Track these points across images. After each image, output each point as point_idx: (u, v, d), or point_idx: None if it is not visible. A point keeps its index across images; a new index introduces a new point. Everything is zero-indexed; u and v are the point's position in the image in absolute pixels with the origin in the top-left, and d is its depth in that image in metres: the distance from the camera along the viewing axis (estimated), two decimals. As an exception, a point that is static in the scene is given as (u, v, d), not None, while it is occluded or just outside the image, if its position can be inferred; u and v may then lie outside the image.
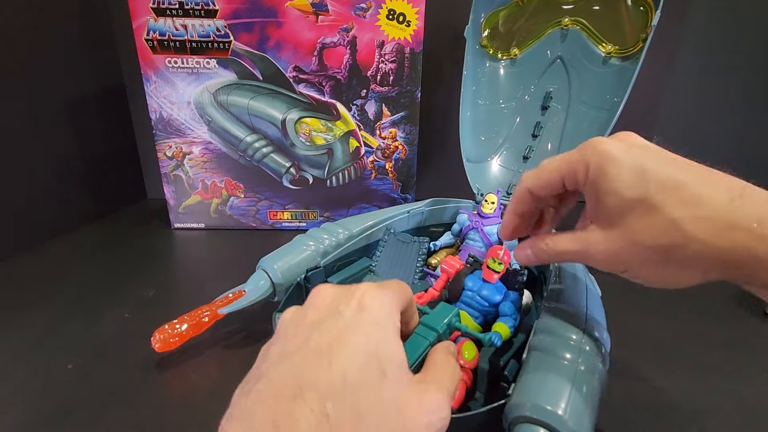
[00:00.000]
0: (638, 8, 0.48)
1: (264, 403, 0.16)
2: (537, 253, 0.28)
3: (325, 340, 0.18)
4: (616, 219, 0.23)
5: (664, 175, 0.22)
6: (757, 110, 0.80)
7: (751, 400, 0.34)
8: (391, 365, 0.18)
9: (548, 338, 0.27)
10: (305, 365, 0.17)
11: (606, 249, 0.24)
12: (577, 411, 0.22)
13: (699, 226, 0.21)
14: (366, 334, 0.18)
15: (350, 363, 0.17)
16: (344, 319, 0.19)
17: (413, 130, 0.64)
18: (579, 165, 0.25)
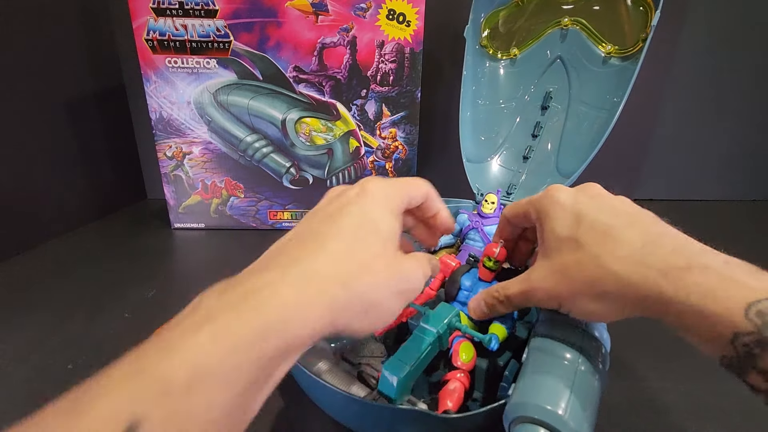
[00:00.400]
0: (638, 8, 0.48)
1: (287, 242, 0.23)
2: (488, 300, 0.31)
3: (334, 207, 0.24)
4: (552, 254, 0.27)
5: (596, 220, 0.26)
6: (756, 110, 0.80)
7: (751, 400, 0.34)
8: (381, 230, 0.23)
9: (548, 338, 0.27)
10: (318, 223, 0.23)
11: (545, 286, 0.27)
12: (577, 411, 0.22)
13: (616, 262, 0.23)
14: (362, 206, 0.23)
15: (349, 222, 0.22)
16: (347, 197, 0.24)
17: (413, 130, 0.64)
18: (531, 207, 0.29)
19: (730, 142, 0.82)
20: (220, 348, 0.15)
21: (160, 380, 0.14)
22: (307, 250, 0.21)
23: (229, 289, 0.18)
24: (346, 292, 0.20)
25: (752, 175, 0.85)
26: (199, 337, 0.16)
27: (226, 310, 0.17)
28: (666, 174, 0.85)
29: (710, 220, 0.76)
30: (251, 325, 0.16)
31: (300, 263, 0.20)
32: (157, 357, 0.15)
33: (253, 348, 0.16)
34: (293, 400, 0.35)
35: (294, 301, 0.18)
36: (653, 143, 0.82)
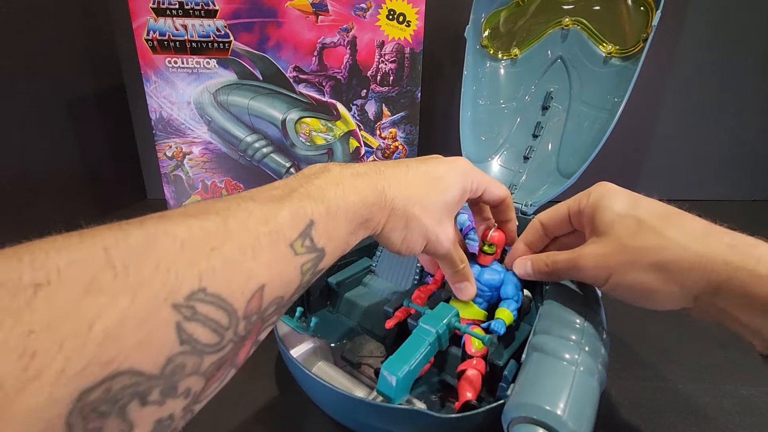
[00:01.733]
0: (639, 8, 0.48)
1: (392, 161, 0.28)
2: (536, 262, 0.32)
3: (428, 158, 0.30)
4: (606, 229, 0.27)
5: (654, 205, 0.27)
6: (756, 110, 0.80)
7: (751, 400, 0.34)
8: (445, 193, 0.27)
9: (548, 338, 0.27)
10: (419, 166, 0.28)
11: (595, 253, 0.27)
12: (576, 411, 0.22)
13: (679, 233, 0.24)
14: (445, 168, 0.28)
15: (427, 171, 0.28)
16: (441, 157, 0.30)
17: (413, 130, 0.64)
18: (583, 196, 0.30)
19: (731, 142, 0.82)
20: (349, 199, 0.22)
21: (326, 204, 0.21)
22: (397, 170, 0.26)
23: (347, 167, 0.24)
24: (403, 207, 0.25)
25: (752, 175, 0.85)
26: (338, 189, 0.22)
27: (348, 178, 0.23)
28: (666, 174, 0.85)
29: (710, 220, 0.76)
30: (359, 196, 0.23)
31: (388, 175, 0.25)
32: (320, 191, 0.21)
33: (358, 208, 0.23)
34: (293, 399, 0.35)
35: (374, 198, 0.24)
36: (653, 143, 0.82)
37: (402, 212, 0.25)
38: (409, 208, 0.25)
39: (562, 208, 0.31)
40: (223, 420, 0.33)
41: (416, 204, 0.26)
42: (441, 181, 0.27)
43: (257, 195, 0.20)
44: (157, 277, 0.14)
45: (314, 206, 0.20)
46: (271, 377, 0.37)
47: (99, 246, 0.15)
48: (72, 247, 0.15)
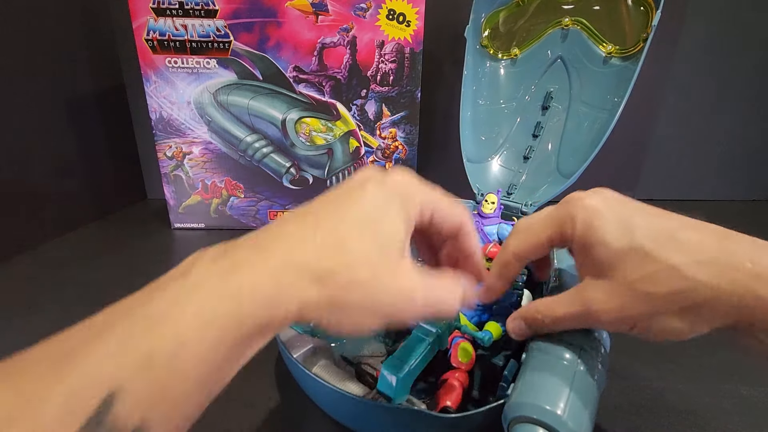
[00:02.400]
0: (639, 8, 0.48)
1: (282, 218, 0.22)
2: (532, 324, 0.27)
3: (347, 189, 0.22)
4: (609, 270, 0.23)
5: (650, 224, 0.23)
6: (756, 110, 0.80)
7: (751, 400, 0.34)
8: (381, 232, 0.21)
9: (547, 338, 0.27)
10: (327, 203, 0.23)
11: (610, 305, 0.23)
12: (576, 411, 0.22)
13: (701, 269, 0.21)
14: (372, 197, 0.21)
15: (351, 211, 0.21)
16: (366, 180, 0.22)
17: (413, 130, 0.64)
18: (566, 221, 0.25)
19: (730, 142, 0.82)
20: (204, 324, 0.16)
21: (145, 353, 0.15)
22: (299, 233, 0.20)
23: (220, 258, 0.19)
24: (320, 290, 0.19)
25: (752, 175, 0.85)
26: (186, 311, 0.16)
27: (213, 282, 0.17)
28: (666, 174, 0.85)
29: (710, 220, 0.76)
30: (231, 306, 0.17)
31: (287, 247, 0.20)
32: (145, 326, 0.16)
33: (231, 328, 0.17)
34: (293, 399, 0.35)
35: (268, 290, 0.18)
36: (653, 143, 0.82)
37: (321, 299, 0.19)
38: (330, 288, 0.19)
39: (541, 237, 0.26)
40: (223, 420, 0.33)
41: (355, 279, 0.19)
42: (379, 224, 0.21)
43: (46, 352, 0.16)
44: None
45: (122, 361, 0.15)
46: (271, 377, 0.37)
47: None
48: None
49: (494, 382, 0.30)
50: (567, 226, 0.25)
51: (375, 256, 0.20)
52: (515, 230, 0.28)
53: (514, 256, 0.27)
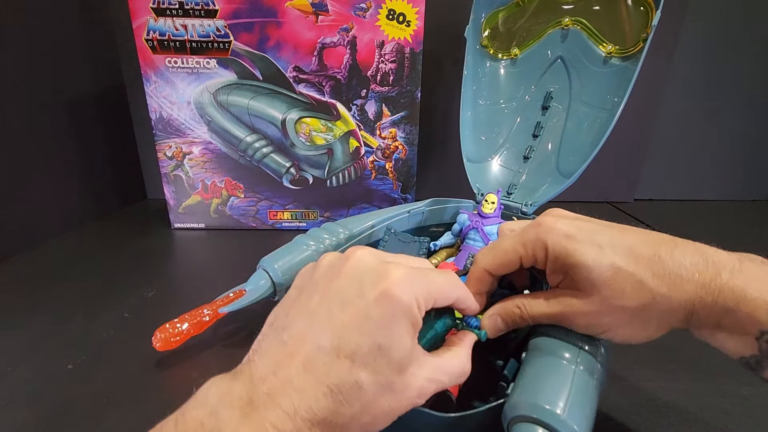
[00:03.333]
0: (638, 8, 0.48)
1: (284, 353, 0.21)
2: (507, 319, 0.29)
3: (340, 320, 0.21)
4: (590, 288, 0.25)
5: (614, 240, 0.25)
6: (756, 110, 0.80)
7: (752, 400, 0.34)
8: (392, 359, 0.21)
9: (547, 338, 0.27)
10: (320, 335, 0.21)
11: (587, 314, 0.25)
12: (575, 410, 0.22)
13: (661, 283, 0.24)
14: (379, 325, 0.21)
15: (358, 348, 0.20)
16: (364, 301, 0.21)
17: (413, 130, 0.64)
18: (537, 245, 0.27)
19: (730, 142, 0.82)
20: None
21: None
22: (290, 373, 0.20)
23: (213, 418, 0.19)
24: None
25: (752, 175, 0.85)
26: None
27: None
28: (666, 174, 0.85)
29: (710, 220, 0.76)
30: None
31: (294, 398, 0.19)
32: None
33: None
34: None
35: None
36: (653, 143, 0.82)
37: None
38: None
39: (511, 255, 0.28)
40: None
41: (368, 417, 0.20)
42: (388, 350, 0.21)
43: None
44: None
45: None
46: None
47: None
48: None
49: (494, 381, 0.30)
50: (540, 250, 0.27)
51: (386, 387, 0.21)
52: (487, 247, 0.30)
53: (486, 272, 0.29)
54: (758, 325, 0.22)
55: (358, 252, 0.23)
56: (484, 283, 0.29)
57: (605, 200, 0.85)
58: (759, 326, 0.22)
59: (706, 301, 0.23)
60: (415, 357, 0.22)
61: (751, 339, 0.22)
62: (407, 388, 0.22)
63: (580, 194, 0.79)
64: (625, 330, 0.25)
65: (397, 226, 0.50)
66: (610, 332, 0.26)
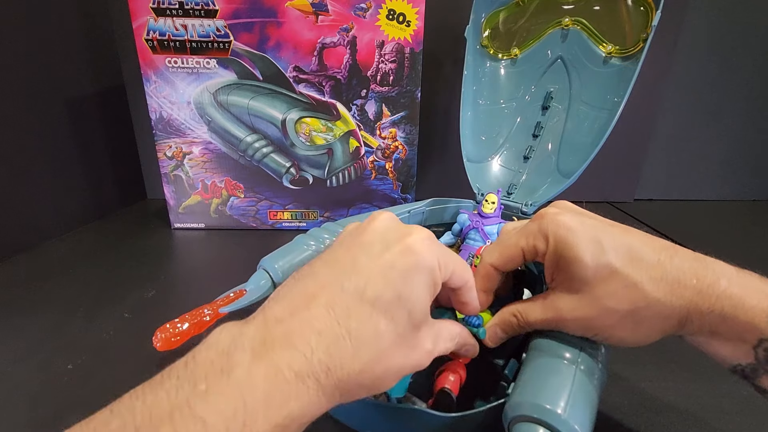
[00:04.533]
0: (638, 8, 0.48)
1: (304, 295, 0.21)
2: (506, 328, 0.29)
3: (366, 268, 0.21)
4: (582, 286, 0.25)
5: (615, 240, 0.25)
6: (756, 110, 0.80)
7: (752, 400, 0.34)
8: (414, 312, 0.21)
9: (548, 338, 0.27)
10: (345, 280, 0.21)
11: (579, 316, 0.25)
12: (576, 410, 0.22)
13: (657, 287, 0.23)
14: (402, 275, 0.21)
15: (381, 294, 0.20)
16: (390, 252, 0.22)
17: (413, 130, 0.64)
18: (539, 236, 0.27)
19: (730, 142, 0.82)
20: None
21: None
22: (310, 314, 0.20)
23: (224, 357, 0.18)
24: (340, 383, 0.19)
25: (752, 175, 0.85)
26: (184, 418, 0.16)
27: (214, 385, 0.17)
28: (666, 174, 0.85)
29: (710, 220, 0.76)
30: (227, 410, 0.17)
31: (316, 341, 0.19)
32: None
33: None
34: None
35: (263, 393, 0.17)
36: (653, 143, 0.82)
37: (333, 389, 0.19)
38: (348, 377, 0.19)
39: (514, 249, 0.28)
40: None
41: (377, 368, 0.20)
42: (408, 301, 0.21)
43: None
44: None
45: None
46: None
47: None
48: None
49: (495, 380, 0.30)
50: (540, 241, 0.27)
51: (403, 336, 0.21)
52: (492, 244, 0.30)
53: (492, 268, 0.29)
54: (757, 333, 0.22)
55: (382, 215, 0.24)
56: (491, 280, 0.29)
57: (605, 200, 0.85)
58: (758, 334, 0.22)
59: (701, 308, 0.23)
60: (428, 317, 0.23)
61: (748, 347, 0.22)
62: (419, 346, 0.22)
63: (580, 194, 0.79)
64: (616, 332, 0.25)
65: (397, 226, 0.50)
66: (601, 334, 0.26)
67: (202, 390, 0.17)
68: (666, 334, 0.25)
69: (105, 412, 0.17)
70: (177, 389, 0.17)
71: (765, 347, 0.22)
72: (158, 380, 0.18)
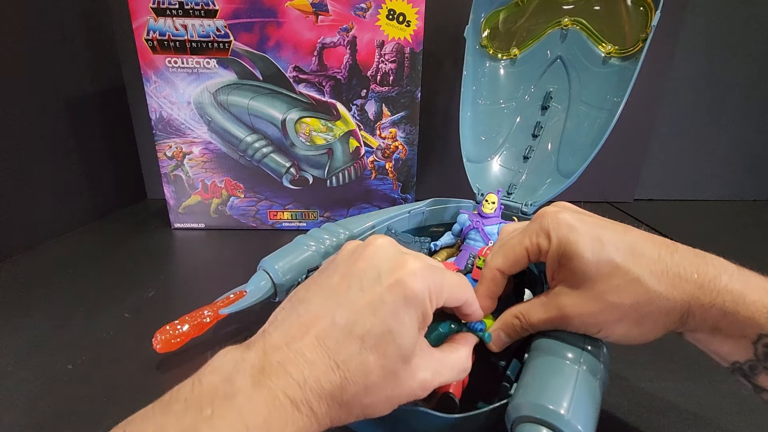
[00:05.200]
0: (638, 8, 0.48)
1: (299, 325, 0.21)
2: (510, 332, 0.29)
3: (358, 302, 0.21)
4: (584, 282, 0.25)
5: (615, 237, 0.25)
6: (756, 110, 0.80)
7: (751, 400, 0.34)
8: (401, 346, 0.21)
9: (550, 337, 0.27)
10: (336, 313, 0.21)
11: (582, 312, 0.26)
12: (579, 411, 0.22)
13: (659, 281, 0.24)
14: (391, 311, 0.21)
15: (371, 329, 0.21)
16: (381, 286, 0.22)
17: (413, 130, 0.64)
18: (541, 235, 0.27)
19: (731, 142, 0.82)
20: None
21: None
22: (303, 345, 0.20)
23: (227, 383, 0.19)
24: (330, 409, 0.20)
25: (752, 175, 0.85)
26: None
27: (219, 410, 0.18)
28: (666, 174, 0.85)
29: (710, 220, 0.76)
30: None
31: (288, 368, 0.20)
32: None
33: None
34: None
35: (263, 419, 0.18)
36: (653, 143, 0.82)
37: (330, 416, 0.20)
38: (346, 405, 0.21)
39: (519, 250, 0.28)
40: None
41: (368, 399, 0.21)
42: (395, 336, 0.21)
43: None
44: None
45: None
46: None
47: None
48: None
49: (497, 381, 0.30)
50: (543, 240, 0.27)
51: (392, 370, 0.21)
52: (495, 249, 0.30)
53: (499, 272, 0.29)
54: (757, 329, 0.22)
55: (379, 240, 0.24)
56: (497, 284, 0.30)
57: (605, 200, 0.85)
58: (758, 330, 0.22)
59: (703, 303, 0.23)
60: (420, 349, 0.23)
61: (747, 342, 0.22)
62: (410, 378, 0.22)
63: (580, 194, 0.79)
64: (619, 328, 0.25)
65: (398, 227, 0.50)
66: (604, 331, 0.26)
67: (208, 415, 0.18)
68: (668, 330, 0.25)
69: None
70: (184, 413, 0.18)
71: (764, 343, 0.22)
72: (167, 401, 0.19)
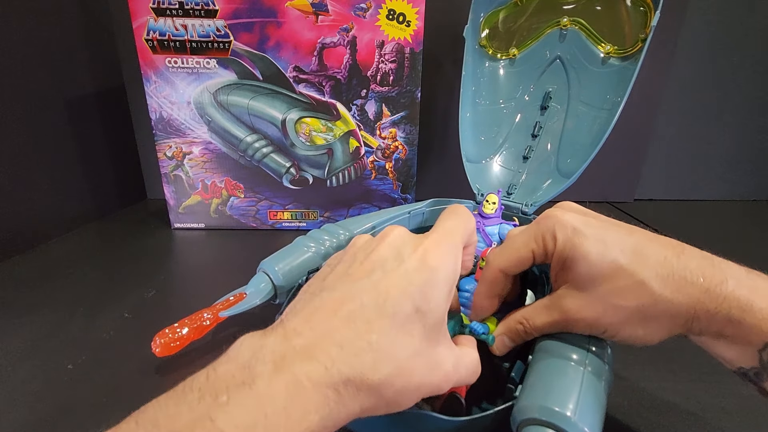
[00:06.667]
0: (638, 8, 0.48)
1: (323, 310, 0.21)
2: (513, 336, 0.29)
3: (384, 283, 0.21)
4: (589, 284, 0.25)
5: (620, 238, 0.25)
6: (757, 110, 0.80)
7: (752, 400, 0.34)
8: (428, 322, 0.22)
9: (554, 339, 0.27)
10: (363, 295, 0.21)
11: (586, 315, 0.25)
12: (585, 412, 0.22)
13: (664, 285, 0.23)
14: (420, 290, 0.21)
15: (400, 309, 0.21)
16: (405, 267, 0.22)
17: (413, 130, 0.64)
18: (547, 236, 0.27)
19: (730, 142, 0.82)
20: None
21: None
22: (331, 327, 0.20)
23: (245, 370, 0.18)
24: (359, 393, 0.19)
25: (752, 175, 0.85)
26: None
27: (235, 397, 0.17)
28: (666, 174, 0.85)
29: (710, 220, 0.76)
30: (248, 422, 0.17)
31: (313, 351, 0.19)
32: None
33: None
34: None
35: (283, 405, 0.17)
36: (653, 143, 0.82)
37: (355, 404, 0.20)
38: (373, 391, 0.20)
39: (524, 251, 0.28)
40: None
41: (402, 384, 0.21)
42: (427, 317, 0.21)
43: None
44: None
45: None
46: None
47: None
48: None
49: (502, 383, 0.30)
50: (548, 242, 0.27)
51: (423, 346, 0.21)
52: (498, 248, 0.30)
53: (501, 273, 0.29)
54: (763, 337, 0.21)
55: (397, 229, 0.24)
56: (498, 284, 0.29)
57: (605, 200, 0.85)
58: (764, 338, 0.21)
59: (708, 308, 0.22)
60: (444, 337, 0.23)
61: (753, 350, 0.22)
62: (439, 364, 0.22)
63: (580, 194, 0.79)
64: (624, 330, 0.25)
65: (398, 227, 0.50)
66: (609, 332, 0.26)
67: (224, 402, 0.17)
68: (673, 333, 0.24)
69: (130, 423, 0.17)
70: (198, 401, 0.17)
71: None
72: (180, 391, 0.18)
